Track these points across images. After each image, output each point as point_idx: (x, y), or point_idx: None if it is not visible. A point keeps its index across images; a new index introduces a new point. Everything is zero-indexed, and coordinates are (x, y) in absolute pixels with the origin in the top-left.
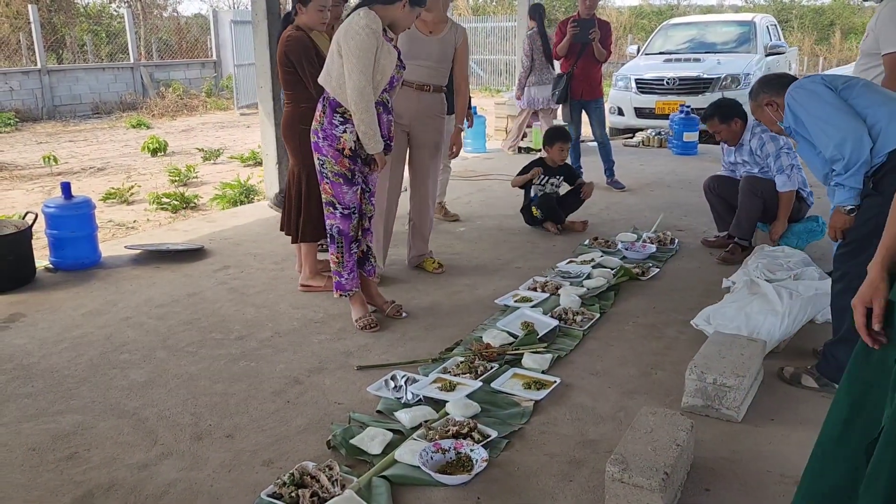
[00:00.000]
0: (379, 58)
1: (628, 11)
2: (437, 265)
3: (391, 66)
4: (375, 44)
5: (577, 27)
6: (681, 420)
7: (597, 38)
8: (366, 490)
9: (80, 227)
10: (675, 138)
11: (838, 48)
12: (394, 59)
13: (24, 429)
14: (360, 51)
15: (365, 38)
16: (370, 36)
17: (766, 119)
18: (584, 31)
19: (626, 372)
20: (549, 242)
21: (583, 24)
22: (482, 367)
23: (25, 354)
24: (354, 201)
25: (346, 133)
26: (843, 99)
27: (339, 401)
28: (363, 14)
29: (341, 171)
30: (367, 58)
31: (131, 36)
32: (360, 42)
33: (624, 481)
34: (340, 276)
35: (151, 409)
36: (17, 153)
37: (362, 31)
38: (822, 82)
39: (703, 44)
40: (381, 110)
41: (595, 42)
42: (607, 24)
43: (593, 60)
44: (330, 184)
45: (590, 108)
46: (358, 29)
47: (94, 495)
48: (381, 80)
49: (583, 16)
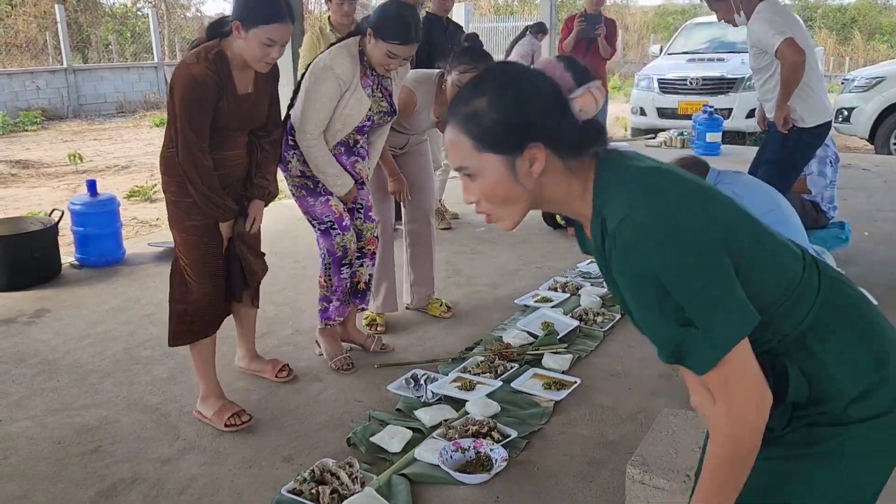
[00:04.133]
0: (343, 105)
1: (651, 11)
2: (444, 308)
3: (358, 117)
4: (336, 90)
5: (585, 22)
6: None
7: (602, 35)
8: (385, 488)
9: (105, 224)
10: (699, 139)
11: (863, 48)
12: (363, 109)
13: (49, 422)
14: (315, 94)
15: (321, 81)
16: (329, 80)
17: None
18: (591, 26)
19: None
20: (570, 243)
21: (590, 19)
22: (502, 367)
23: (51, 349)
24: (328, 213)
25: (293, 159)
26: None
27: (359, 399)
28: (331, 55)
29: (299, 182)
30: (321, 102)
31: (155, 36)
32: (315, 83)
33: (645, 483)
34: (329, 303)
35: (174, 404)
36: (43, 151)
37: (321, 73)
38: None
39: (726, 43)
40: (343, 150)
41: (601, 38)
42: (613, 21)
43: (599, 58)
44: (296, 198)
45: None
46: (318, 70)
47: (117, 489)
48: (340, 129)
49: (590, 11)
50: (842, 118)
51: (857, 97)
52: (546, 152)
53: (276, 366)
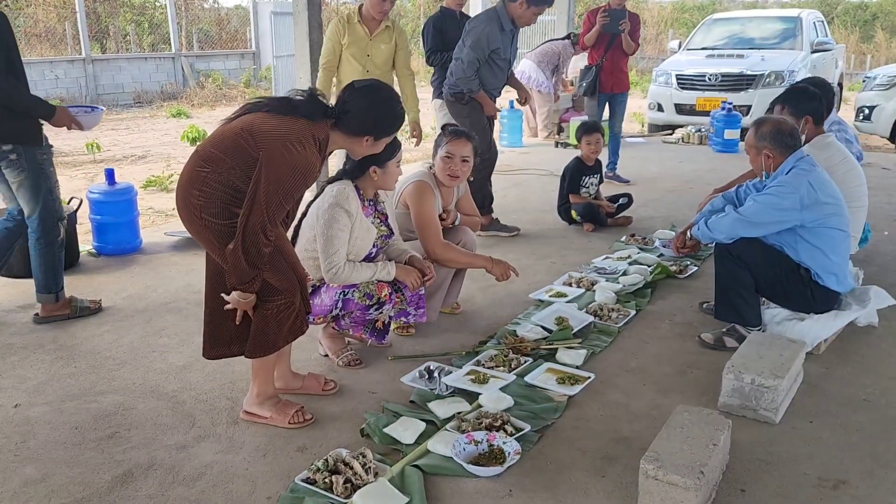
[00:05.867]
0: (354, 237)
1: (670, 6)
2: (455, 304)
3: (367, 245)
4: (348, 222)
5: (608, 17)
6: (717, 419)
7: (627, 30)
8: (398, 479)
9: (122, 212)
10: (716, 135)
11: (885, 46)
12: (371, 237)
13: (67, 408)
14: (331, 232)
15: (334, 219)
16: (342, 216)
17: (758, 163)
18: (615, 21)
19: (662, 370)
20: (585, 238)
21: (613, 14)
22: (516, 361)
23: (68, 336)
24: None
25: None
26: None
27: (374, 390)
28: (333, 193)
29: None
30: (339, 238)
31: (173, 26)
32: (329, 223)
33: (658, 479)
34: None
35: (189, 392)
36: (61, 140)
37: (332, 212)
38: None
39: (746, 39)
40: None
41: (625, 33)
42: (636, 16)
43: (621, 52)
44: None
45: (615, 101)
46: (327, 211)
47: (133, 474)
48: (354, 256)
49: (613, 6)
50: (862, 116)
51: (878, 95)
52: None
53: (320, 380)
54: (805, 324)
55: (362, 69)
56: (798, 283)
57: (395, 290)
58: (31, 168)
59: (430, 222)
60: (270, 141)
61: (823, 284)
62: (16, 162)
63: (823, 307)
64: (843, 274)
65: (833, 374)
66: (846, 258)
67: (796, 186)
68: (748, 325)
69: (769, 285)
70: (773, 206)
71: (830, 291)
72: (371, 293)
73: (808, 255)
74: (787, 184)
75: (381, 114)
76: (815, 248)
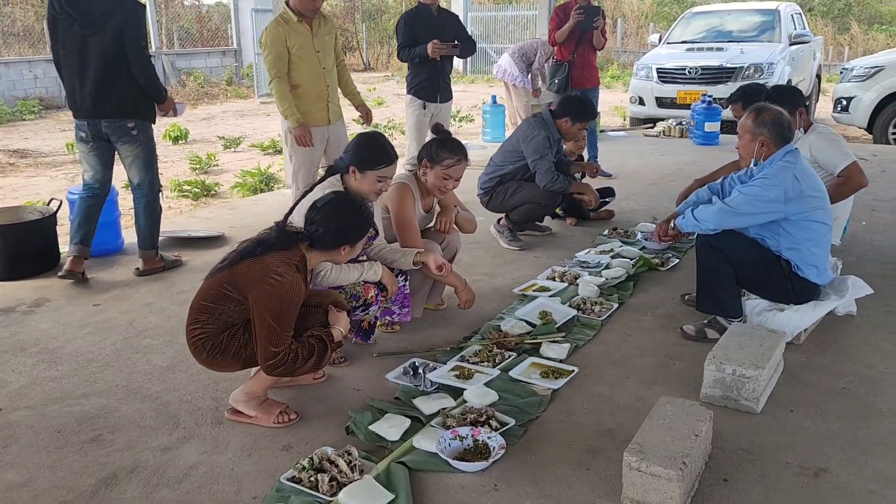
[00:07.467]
0: None
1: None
2: (439, 300)
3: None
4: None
5: (583, 13)
6: (699, 410)
7: (601, 27)
8: (384, 476)
9: (103, 213)
10: (697, 128)
11: (861, 37)
12: None
13: (49, 411)
14: None
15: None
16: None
17: (749, 149)
18: (590, 18)
19: (645, 362)
20: (568, 232)
21: (588, 10)
22: (500, 356)
23: (50, 339)
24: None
25: None
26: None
27: (358, 387)
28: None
29: None
30: None
31: (153, 24)
32: None
33: (641, 470)
34: None
35: (173, 393)
36: (41, 140)
37: None
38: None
39: (725, 32)
40: None
41: (598, 30)
42: (602, 11)
43: (591, 48)
44: None
45: (588, 97)
46: None
47: (117, 477)
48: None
49: (584, 2)
50: (840, 108)
51: (855, 87)
52: None
53: None
54: (785, 314)
55: (317, 65)
56: (778, 275)
57: (381, 289)
58: (146, 142)
59: (409, 224)
60: (253, 284)
61: (803, 276)
62: (136, 137)
63: (803, 298)
64: (823, 266)
65: (813, 363)
66: (827, 250)
67: (781, 179)
68: (729, 316)
69: (750, 277)
70: (758, 197)
71: (810, 283)
72: (358, 294)
73: (790, 247)
74: (772, 176)
75: (349, 225)
76: (797, 240)
